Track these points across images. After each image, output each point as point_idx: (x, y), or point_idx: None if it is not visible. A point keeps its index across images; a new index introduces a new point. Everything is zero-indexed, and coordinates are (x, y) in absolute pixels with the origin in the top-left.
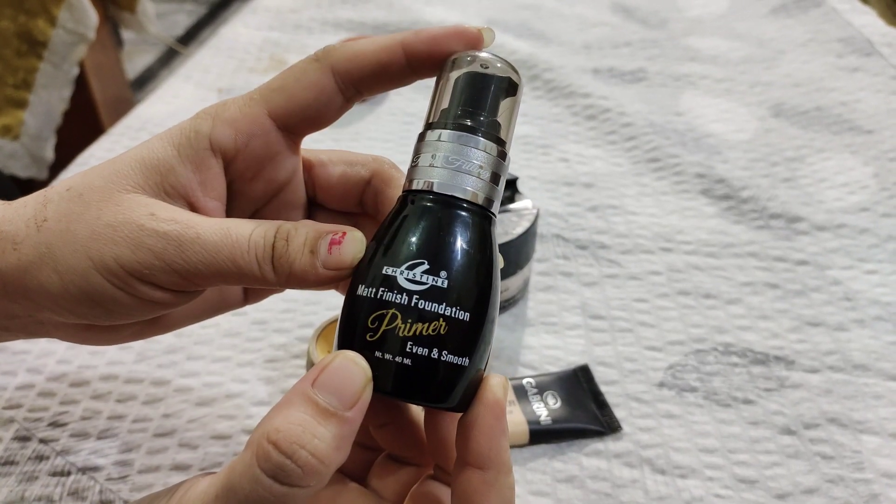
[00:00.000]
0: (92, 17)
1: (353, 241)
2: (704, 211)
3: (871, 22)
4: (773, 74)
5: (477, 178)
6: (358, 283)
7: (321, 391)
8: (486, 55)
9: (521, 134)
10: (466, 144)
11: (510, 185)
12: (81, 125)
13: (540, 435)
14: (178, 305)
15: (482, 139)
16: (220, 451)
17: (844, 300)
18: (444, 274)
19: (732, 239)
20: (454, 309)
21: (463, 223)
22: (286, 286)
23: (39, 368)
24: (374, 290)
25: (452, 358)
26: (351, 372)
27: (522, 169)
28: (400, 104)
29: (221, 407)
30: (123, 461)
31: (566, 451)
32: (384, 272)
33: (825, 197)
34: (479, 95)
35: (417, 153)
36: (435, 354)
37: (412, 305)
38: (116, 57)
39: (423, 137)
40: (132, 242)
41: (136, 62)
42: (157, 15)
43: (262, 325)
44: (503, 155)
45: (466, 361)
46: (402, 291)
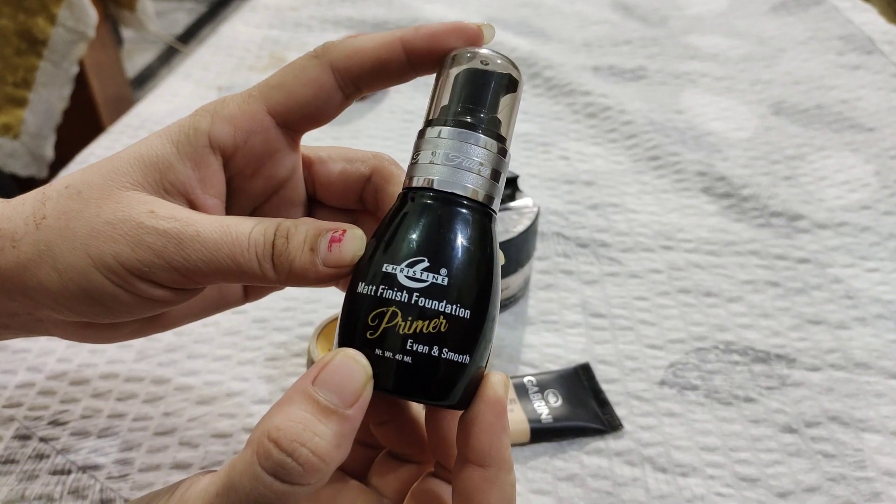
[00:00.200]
0: (92, 15)
1: (353, 238)
2: (705, 209)
3: (871, 19)
4: (773, 72)
5: (477, 175)
6: (358, 280)
7: (322, 389)
8: (486, 52)
9: (521, 132)
10: (467, 141)
11: (511, 183)
12: (81, 124)
13: (541, 433)
14: (177, 303)
15: (482, 136)
16: (220, 449)
17: (846, 298)
18: (444, 271)
19: (733, 237)
20: (454, 306)
21: (463, 220)
22: (286, 284)
23: (40, 367)
24: (374, 287)
25: (453, 356)
26: (351, 370)
27: (523, 167)
28: (400, 102)
29: (222, 405)
30: (124, 460)
31: (567, 449)
32: (384, 270)
33: (826, 195)
34: (479, 92)
35: (417, 150)
36: (435, 352)
37: (412, 303)
38: (116, 55)
39: (423, 134)
40: (132, 240)
41: (135, 60)
42: (156, 13)
43: (262, 323)
44: (503, 152)
45: (467, 359)
46: (402, 289)
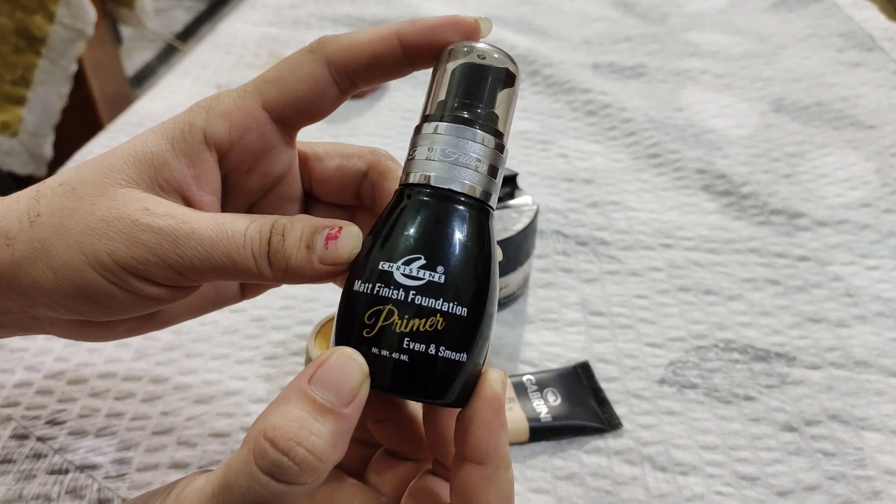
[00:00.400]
0: (90, 13)
1: (349, 235)
2: (705, 207)
3: (872, 16)
4: (773, 69)
5: (474, 171)
6: (354, 278)
7: (318, 388)
8: (483, 46)
9: (520, 130)
10: (463, 137)
11: (510, 181)
12: (80, 122)
13: (540, 432)
14: (173, 301)
15: (479, 131)
16: (218, 448)
17: (846, 296)
18: (441, 269)
19: (733, 235)
20: (451, 304)
21: (460, 217)
22: (283, 281)
23: (37, 366)
24: (370, 285)
25: (450, 354)
26: (348, 368)
27: (522, 165)
28: (399, 100)
29: (220, 404)
30: (122, 459)
31: (566, 448)
32: (380, 267)
33: (826, 192)
34: (476, 87)
35: (414, 146)
36: (432, 350)
37: (409, 301)
38: (115, 53)
39: (419, 130)
40: (126, 238)
41: (134, 59)
42: (155, 11)
43: (260, 322)
44: (501, 147)
45: (464, 357)
46: (398, 287)
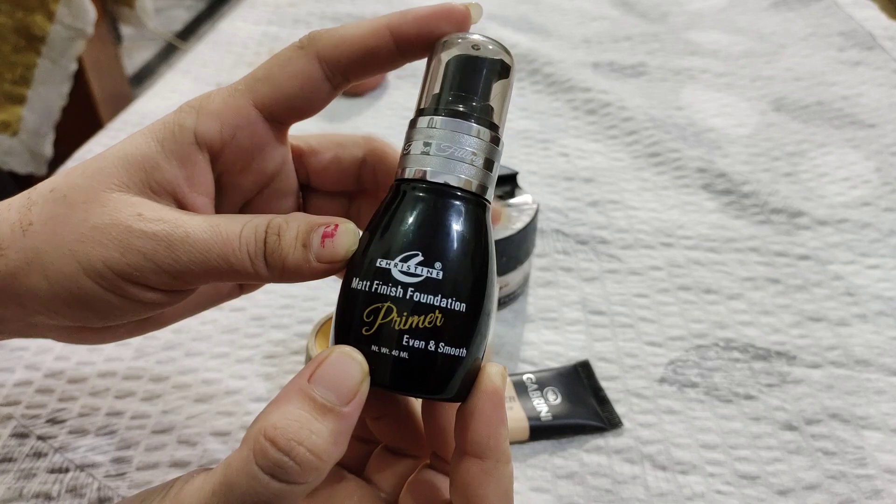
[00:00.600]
0: (90, 12)
1: (345, 233)
2: (705, 206)
3: (872, 15)
4: (774, 68)
5: (470, 164)
6: (352, 276)
7: (318, 387)
8: (477, 37)
9: (520, 128)
10: (459, 130)
11: (510, 179)
12: (80, 121)
13: (540, 431)
14: (170, 305)
15: (475, 125)
16: (218, 447)
17: (846, 295)
18: (438, 265)
19: (733, 234)
20: (450, 300)
21: (457, 212)
22: (280, 281)
23: (37, 365)
24: (368, 283)
25: (449, 349)
26: (347, 367)
27: (522, 164)
28: (399, 98)
29: (220, 403)
30: (122, 458)
31: (566, 447)
32: (378, 265)
33: (826, 191)
34: (470, 79)
35: (409, 140)
36: (432, 346)
37: (407, 298)
38: (115, 52)
39: (414, 124)
40: (120, 244)
41: (134, 58)
42: (155, 10)
43: (260, 320)
44: (496, 140)
45: (464, 352)
46: (396, 284)
